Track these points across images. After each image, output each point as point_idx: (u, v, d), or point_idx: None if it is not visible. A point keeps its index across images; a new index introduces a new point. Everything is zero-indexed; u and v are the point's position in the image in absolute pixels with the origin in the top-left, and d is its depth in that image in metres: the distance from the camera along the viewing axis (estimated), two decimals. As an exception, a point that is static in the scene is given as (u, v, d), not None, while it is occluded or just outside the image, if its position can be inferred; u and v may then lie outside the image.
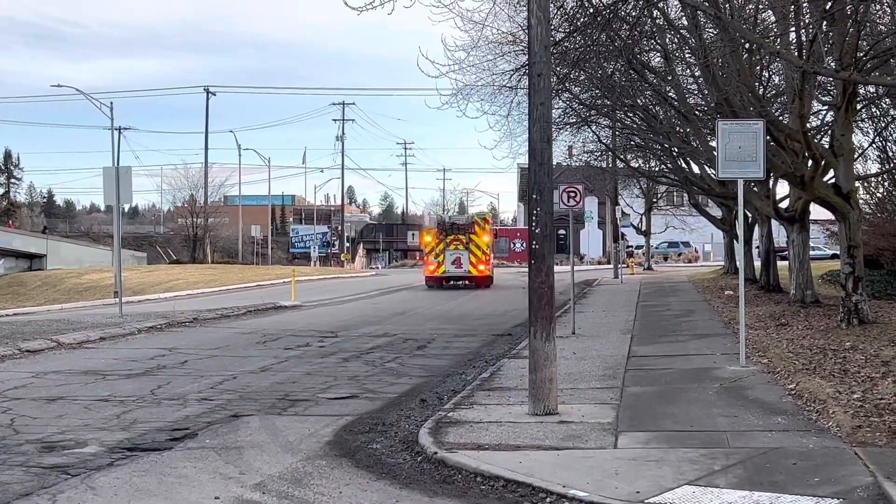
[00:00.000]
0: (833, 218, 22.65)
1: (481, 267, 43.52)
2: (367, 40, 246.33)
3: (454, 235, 43.47)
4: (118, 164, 53.60)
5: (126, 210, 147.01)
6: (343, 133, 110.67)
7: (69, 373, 15.78)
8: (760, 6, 20.29)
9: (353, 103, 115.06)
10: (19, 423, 11.44)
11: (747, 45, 20.97)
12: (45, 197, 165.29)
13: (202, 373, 15.64)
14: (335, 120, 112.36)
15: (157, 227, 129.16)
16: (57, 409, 12.38)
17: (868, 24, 18.48)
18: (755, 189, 28.55)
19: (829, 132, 22.87)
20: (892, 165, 31.31)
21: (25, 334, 20.79)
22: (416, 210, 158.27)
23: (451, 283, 44.02)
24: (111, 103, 61.21)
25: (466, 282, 44.02)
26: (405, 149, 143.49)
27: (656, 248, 79.79)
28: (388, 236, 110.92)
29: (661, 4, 21.82)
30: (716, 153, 14.56)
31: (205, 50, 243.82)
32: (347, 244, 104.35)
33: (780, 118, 23.95)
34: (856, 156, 26.05)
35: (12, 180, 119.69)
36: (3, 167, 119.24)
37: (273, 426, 11.15)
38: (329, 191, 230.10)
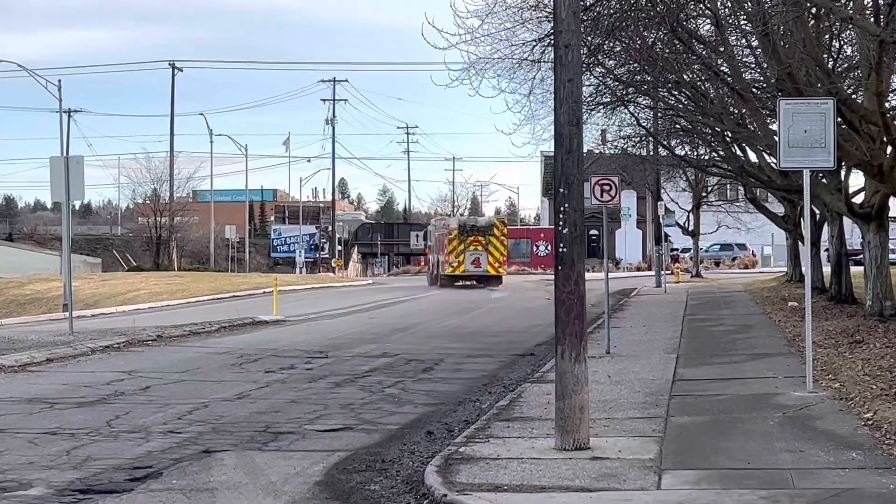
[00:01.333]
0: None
1: (498, 266, 55.82)
2: (361, 6, 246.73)
3: (474, 237, 54.87)
4: (68, 154, 53.65)
5: (77, 208, 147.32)
6: (334, 115, 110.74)
7: (10, 401, 15.79)
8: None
9: (346, 80, 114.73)
10: (-49, 460, 11.46)
11: (814, 10, 20.94)
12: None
13: (167, 401, 15.65)
14: (324, 100, 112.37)
15: (113, 227, 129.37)
16: (-4, 443, 12.40)
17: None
18: (824, 181, 28.49)
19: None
20: None
21: (-42, 355, 20.82)
22: (420, 206, 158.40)
23: (461, 281, 54.65)
24: (59, 81, 61.08)
25: (475, 281, 55.24)
26: (407, 134, 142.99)
27: (706, 251, 79.61)
28: (388, 238, 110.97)
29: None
30: (777, 138, 14.54)
31: (170, 19, 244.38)
32: (339, 247, 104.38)
33: (854, 96, 23.90)
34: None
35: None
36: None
37: (252, 464, 11.15)
38: (317, 184, 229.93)
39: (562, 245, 11.06)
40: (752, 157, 37.03)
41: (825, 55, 23.68)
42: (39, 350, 21.89)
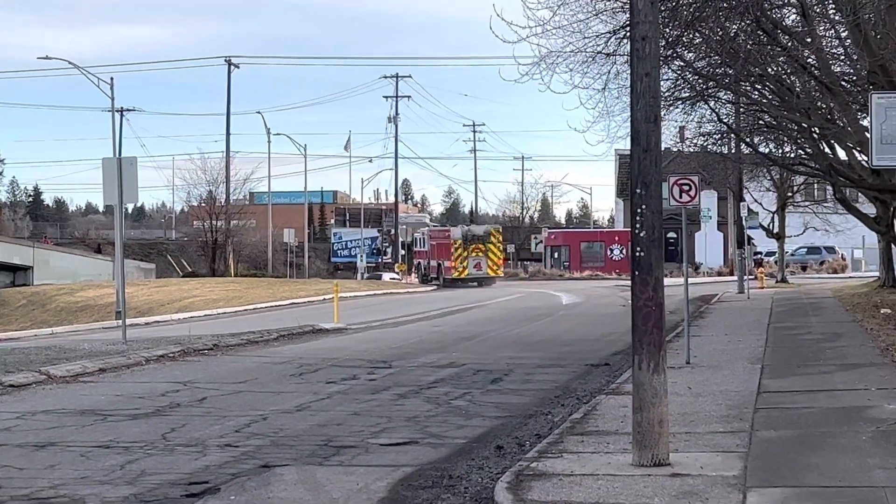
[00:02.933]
0: None
1: (497, 269, 72.57)
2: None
3: (474, 245, 70.95)
4: (120, 155, 54.31)
5: (130, 211, 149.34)
6: (396, 113, 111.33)
7: (62, 413, 15.99)
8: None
9: (409, 76, 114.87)
10: (1, 475, 11.62)
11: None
12: (30, 195, 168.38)
13: (225, 413, 15.77)
14: (387, 97, 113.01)
15: (167, 231, 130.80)
16: (48, 457, 12.56)
17: None
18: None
19: None
20: None
21: (8, 365, 21.10)
22: (487, 208, 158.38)
23: (462, 282, 69.28)
24: (111, 79, 61.88)
25: (475, 283, 69.50)
26: (474, 132, 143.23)
27: (792, 254, 78.97)
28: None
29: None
30: (868, 134, 14.39)
31: (225, 14, 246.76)
32: (402, 252, 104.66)
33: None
34: None
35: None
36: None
37: (313, 479, 11.20)
38: (379, 185, 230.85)
39: (639, 249, 11.01)
40: (842, 154, 36.70)
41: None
42: (92, 360, 22.13)
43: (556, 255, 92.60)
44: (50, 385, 19.28)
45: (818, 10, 24.66)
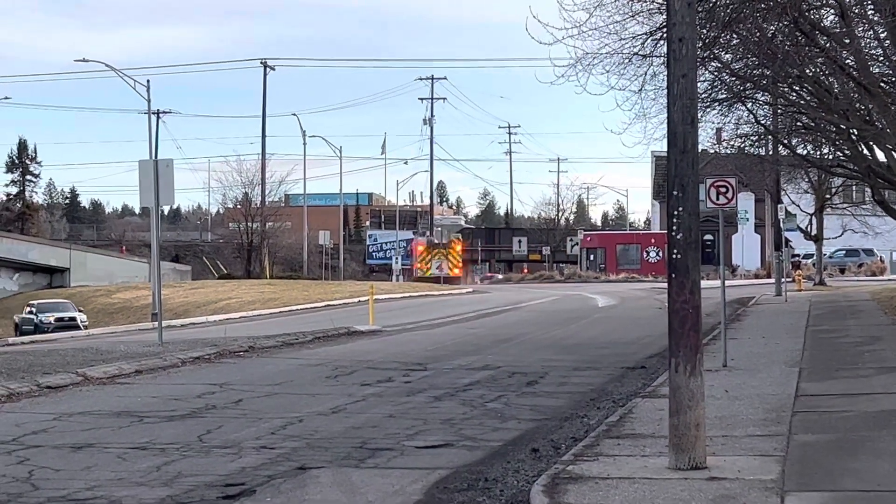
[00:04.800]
0: None
1: (455, 270, 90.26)
2: (461, 0, 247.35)
3: (437, 250, 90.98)
4: (157, 157, 54.56)
5: (166, 213, 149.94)
6: (432, 115, 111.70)
7: (99, 414, 16.08)
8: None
9: (445, 78, 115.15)
10: (39, 475, 11.69)
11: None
12: (67, 197, 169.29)
13: (260, 414, 15.81)
14: (422, 99, 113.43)
15: (203, 233, 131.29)
16: (84, 458, 12.63)
17: None
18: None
19: None
20: None
21: (46, 367, 21.26)
22: (523, 211, 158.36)
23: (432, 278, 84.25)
24: (147, 81, 62.12)
25: (444, 280, 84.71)
26: (509, 134, 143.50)
27: (830, 257, 78.58)
28: (489, 243, 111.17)
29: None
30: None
31: (261, 16, 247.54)
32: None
33: None
34: None
35: (28, 177, 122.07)
36: (16, 161, 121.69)
37: (348, 481, 11.22)
38: (414, 187, 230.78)
39: (675, 251, 10.98)
40: (881, 156, 36.42)
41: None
42: (128, 361, 22.25)
43: (591, 257, 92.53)
44: (86, 386, 19.39)
45: (857, 11, 24.52)
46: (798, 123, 37.48)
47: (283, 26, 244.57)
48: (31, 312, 57.25)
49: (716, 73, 29.17)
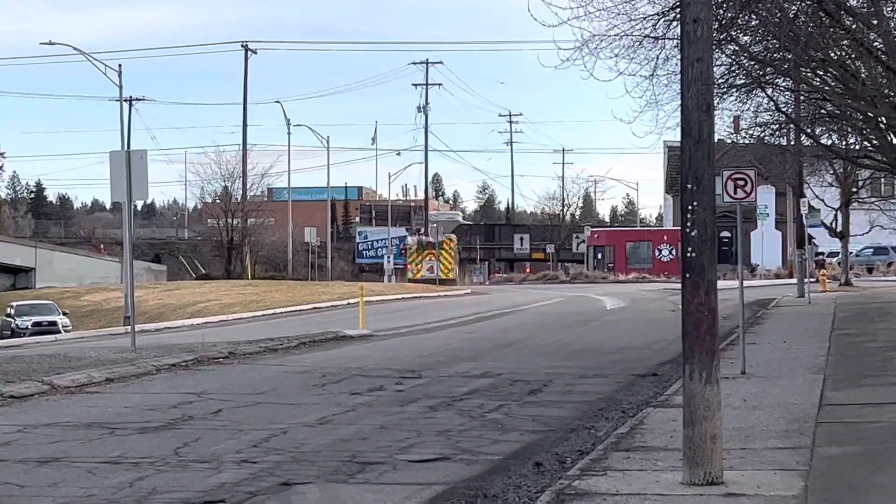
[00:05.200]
0: None
1: (447, 272, 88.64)
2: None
3: (428, 251, 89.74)
4: (129, 148, 54.57)
5: (139, 208, 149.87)
6: (427, 102, 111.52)
7: (66, 426, 16.06)
8: None
9: (440, 62, 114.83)
10: (2, 492, 11.69)
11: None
12: (32, 192, 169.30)
13: (241, 426, 15.82)
14: (416, 85, 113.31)
15: (179, 230, 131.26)
16: (51, 474, 12.62)
17: None
18: None
19: None
20: None
21: (9, 374, 21.23)
22: (525, 205, 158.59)
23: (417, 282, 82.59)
24: (119, 66, 62.02)
25: (438, 282, 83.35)
26: (510, 122, 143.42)
27: (856, 255, 78.63)
28: (488, 241, 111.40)
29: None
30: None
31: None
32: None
33: None
34: None
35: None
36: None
37: (336, 498, 11.23)
38: (408, 180, 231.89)
39: (690, 249, 10.98)
40: (911, 146, 36.48)
41: None
42: (99, 369, 22.23)
43: (599, 255, 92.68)
44: (54, 396, 19.37)
45: (885, -11, 24.56)
46: (822, 111, 37.48)
47: (265, 6, 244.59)
48: (8, 315, 57.32)
49: (733, 57, 29.19)
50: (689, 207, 10.98)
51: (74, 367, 22.60)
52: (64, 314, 57.39)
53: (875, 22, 24.48)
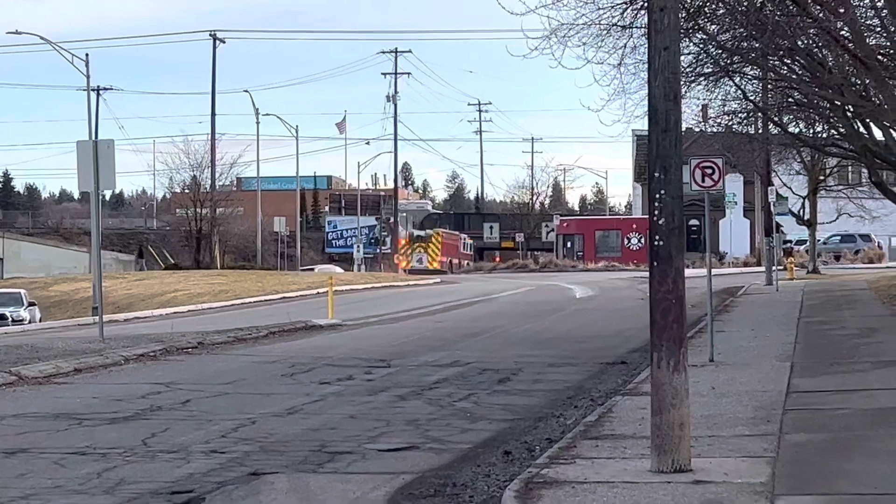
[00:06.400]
0: None
1: (435, 263, 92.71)
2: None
3: (418, 243, 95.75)
4: (97, 138, 54.29)
5: (108, 198, 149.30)
6: (396, 91, 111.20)
7: (34, 417, 15.99)
8: None
9: (409, 51, 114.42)
10: (-31, 483, 11.63)
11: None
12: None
13: (210, 416, 15.78)
14: (385, 74, 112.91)
15: (148, 220, 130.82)
16: (18, 465, 12.56)
17: None
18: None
19: None
20: None
21: (-25, 365, 21.12)
22: (494, 195, 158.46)
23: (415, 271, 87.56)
24: (87, 56, 61.63)
25: (427, 273, 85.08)
26: (479, 112, 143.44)
27: (824, 243, 78.90)
28: (458, 229, 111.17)
29: None
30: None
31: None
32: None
33: None
34: None
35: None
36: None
37: (305, 488, 11.21)
38: (377, 170, 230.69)
39: (657, 238, 10.99)
40: (878, 134, 36.61)
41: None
42: (66, 359, 22.15)
43: (568, 244, 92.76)
44: (20, 387, 19.29)
45: (852, -22, 24.62)
46: (789, 99, 37.58)
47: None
48: None
49: (701, 46, 29.24)
50: (657, 196, 10.99)
51: (42, 357, 22.51)
52: (31, 305, 56.97)
53: (842, 10, 24.54)
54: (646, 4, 12.59)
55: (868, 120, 34.77)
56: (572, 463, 11.59)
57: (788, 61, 30.69)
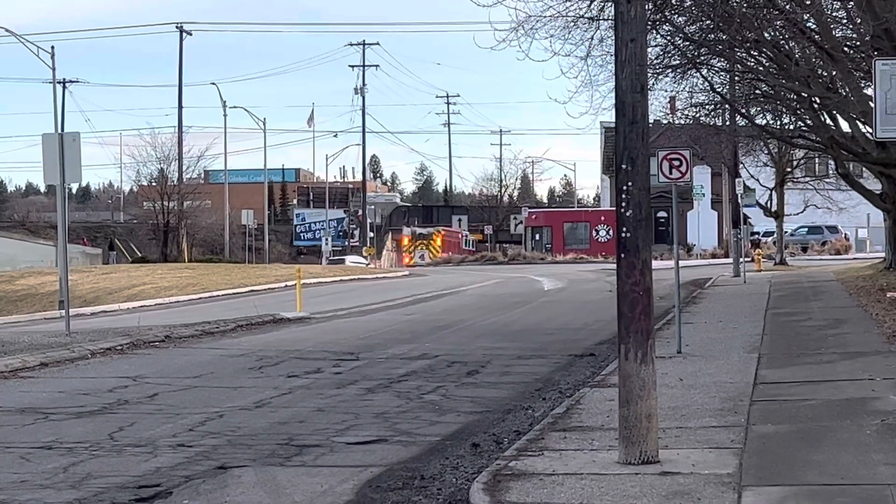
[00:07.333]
0: None
1: (435, 258, 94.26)
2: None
3: (420, 241, 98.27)
4: (62, 130, 53.98)
5: (74, 191, 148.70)
6: (364, 84, 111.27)
7: (0, 411, 15.93)
8: None
9: (377, 43, 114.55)
10: (-66, 478, 11.57)
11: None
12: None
13: (177, 410, 15.74)
14: (353, 66, 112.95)
15: (115, 213, 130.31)
16: (-16, 459, 12.51)
17: None
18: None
19: None
20: None
21: (-59, 360, 21.01)
22: (463, 187, 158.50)
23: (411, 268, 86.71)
24: (52, 48, 61.26)
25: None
26: (448, 104, 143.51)
27: (791, 234, 79.23)
28: (427, 222, 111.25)
29: None
30: (872, 104, 14.43)
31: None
32: (371, 234, 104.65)
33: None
34: None
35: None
36: None
37: (273, 481, 11.20)
38: (345, 162, 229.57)
39: (625, 229, 11.02)
40: (845, 126, 36.80)
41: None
42: (32, 353, 22.06)
43: (537, 236, 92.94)
44: (-13, 381, 19.19)
45: (818, -30, 24.72)
46: (757, 91, 37.72)
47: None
48: None
49: (668, 38, 29.28)
50: (624, 188, 11.02)
51: (8, 351, 22.43)
52: None
53: (808, 2, 24.64)
54: (613, -4, 12.59)
55: (835, 112, 34.96)
56: (540, 455, 11.61)
57: (755, 53, 30.81)
